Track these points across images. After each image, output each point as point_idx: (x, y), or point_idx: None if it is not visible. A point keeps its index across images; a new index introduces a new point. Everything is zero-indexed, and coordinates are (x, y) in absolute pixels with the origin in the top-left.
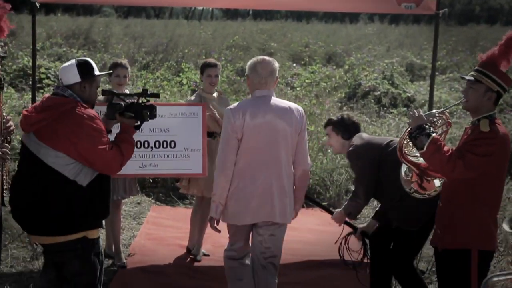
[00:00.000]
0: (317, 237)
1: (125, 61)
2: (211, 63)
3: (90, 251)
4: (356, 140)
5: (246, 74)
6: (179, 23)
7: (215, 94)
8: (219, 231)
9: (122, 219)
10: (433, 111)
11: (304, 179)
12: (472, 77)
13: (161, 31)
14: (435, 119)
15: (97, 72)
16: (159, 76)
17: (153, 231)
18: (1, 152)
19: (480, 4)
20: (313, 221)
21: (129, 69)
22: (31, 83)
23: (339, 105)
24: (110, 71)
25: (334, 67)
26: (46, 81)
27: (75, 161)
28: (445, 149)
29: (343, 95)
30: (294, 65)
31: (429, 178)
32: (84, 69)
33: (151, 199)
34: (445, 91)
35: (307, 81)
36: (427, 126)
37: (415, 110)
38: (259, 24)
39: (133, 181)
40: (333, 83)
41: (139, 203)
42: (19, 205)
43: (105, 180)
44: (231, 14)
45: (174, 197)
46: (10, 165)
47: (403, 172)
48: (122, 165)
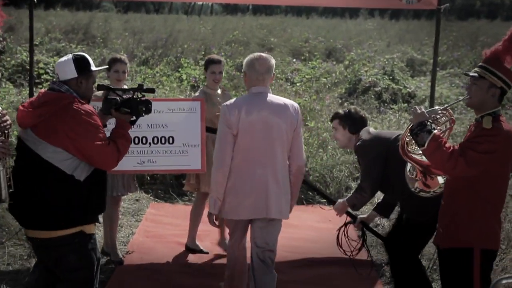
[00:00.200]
0: (317, 234)
1: (124, 57)
2: (215, 59)
3: (86, 246)
4: (363, 134)
5: (243, 70)
6: (179, 18)
7: (219, 90)
8: (218, 227)
9: (120, 216)
10: (436, 107)
11: (299, 174)
12: (475, 73)
13: (160, 26)
14: (438, 116)
15: (93, 67)
16: (158, 71)
17: (152, 228)
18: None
19: None
20: (313, 218)
21: (128, 64)
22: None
23: (340, 101)
24: (106, 66)
25: (334, 63)
26: (44, 76)
27: (73, 156)
28: (447, 146)
29: (344, 91)
30: (294, 60)
31: (432, 175)
32: (81, 64)
33: (150, 195)
34: (445, 87)
35: (307, 76)
36: (428, 122)
37: (416, 106)
38: (259, 19)
39: (131, 177)
40: (333, 79)
41: (137, 200)
42: (16, 200)
43: (101, 175)
44: (231, 9)
45: (173, 194)
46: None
47: (407, 170)
48: (118, 161)
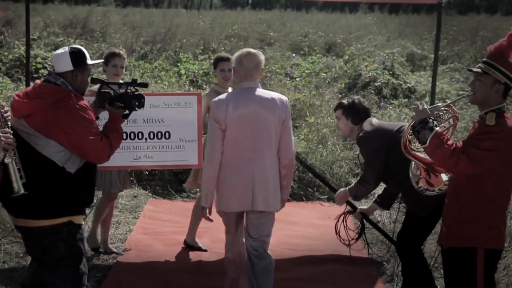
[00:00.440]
0: (316, 231)
1: (122, 51)
2: (224, 57)
3: (75, 236)
4: (366, 125)
5: (232, 66)
6: (178, 12)
7: (229, 88)
8: (212, 220)
9: (118, 213)
10: (438, 104)
11: (289, 167)
12: (479, 69)
13: (159, 21)
14: (441, 113)
15: (89, 61)
16: (157, 66)
17: (150, 225)
18: (4, 138)
19: None
20: (313, 215)
21: (126, 59)
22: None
23: (339, 96)
24: (102, 60)
25: (334, 57)
26: (42, 71)
27: (65, 149)
28: (449, 143)
29: (343, 86)
30: (293, 55)
31: (436, 173)
32: (77, 57)
33: (147, 192)
34: (446, 82)
35: (306, 71)
36: (430, 119)
37: (418, 103)
38: (258, 13)
39: (127, 173)
40: (333, 74)
41: (135, 197)
42: (7, 189)
43: (91, 167)
44: (230, 3)
45: (171, 190)
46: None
47: (411, 168)
48: (110, 156)
